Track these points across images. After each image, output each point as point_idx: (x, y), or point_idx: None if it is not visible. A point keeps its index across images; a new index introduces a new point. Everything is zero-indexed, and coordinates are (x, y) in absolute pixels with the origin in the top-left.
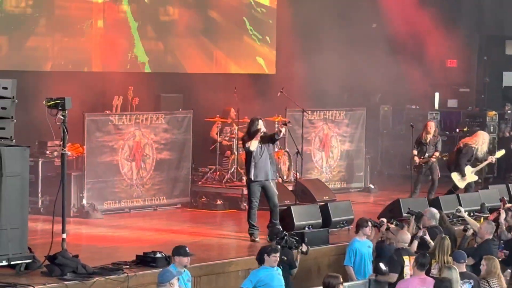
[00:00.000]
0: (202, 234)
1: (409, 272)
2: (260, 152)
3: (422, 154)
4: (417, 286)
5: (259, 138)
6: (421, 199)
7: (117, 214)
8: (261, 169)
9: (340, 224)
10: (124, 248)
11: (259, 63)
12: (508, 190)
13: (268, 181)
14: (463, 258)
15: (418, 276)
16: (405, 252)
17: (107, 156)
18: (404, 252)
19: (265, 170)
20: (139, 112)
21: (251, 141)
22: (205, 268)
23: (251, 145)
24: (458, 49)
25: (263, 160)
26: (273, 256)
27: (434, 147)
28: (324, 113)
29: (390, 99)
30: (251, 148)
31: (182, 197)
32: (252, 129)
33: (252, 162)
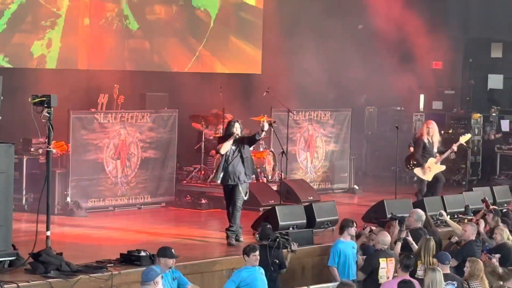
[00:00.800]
0: (186, 233)
1: (386, 274)
2: (233, 155)
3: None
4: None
5: (231, 141)
6: (405, 200)
7: (102, 212)
8: (230, 173)
9: (324, 225)
10: (108, 247)
11: (245, 62)
12: (492, 192)
13: (237, 184)
14: (447, 260)
15: (401, 278)
16: (383, 253)
17: (92, 154)
18: (382, 253)
19: (235, 173)
20: (125, 111)
21: (222, 144)
22: (190, 267)
23: (222, 149)
24: (444, 51)
25: (234, 164)
26: (252, 255)
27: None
28: (309, 113)
29: (375, 101)
30: (221, 152)
31: (166, 196)
32: (227, 131)
33: (222, 165)
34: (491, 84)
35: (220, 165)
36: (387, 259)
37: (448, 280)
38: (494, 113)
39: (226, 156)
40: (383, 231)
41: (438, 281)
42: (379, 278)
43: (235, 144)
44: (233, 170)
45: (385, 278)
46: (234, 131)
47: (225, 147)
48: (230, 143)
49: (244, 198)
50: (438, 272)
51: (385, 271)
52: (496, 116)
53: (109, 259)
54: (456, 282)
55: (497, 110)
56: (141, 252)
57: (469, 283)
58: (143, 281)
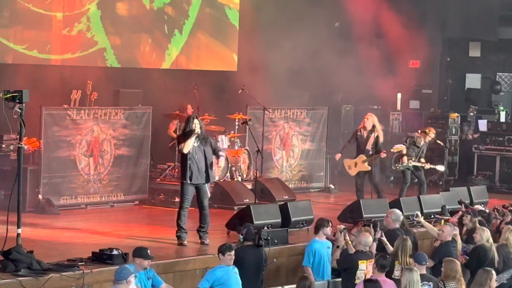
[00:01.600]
0: (159, 231)
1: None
2: (196, 153)
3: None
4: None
5: (193, 138)
6: (382, 200)
7: (74, 210)
8: (197, 172)
9: (299, 224)
10: (80, 245)
11: (220, 60)
12: (469, 193)
13: (205, 185)
14: (424, 260)
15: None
16: (363, 255)
17: (64, 151)
18: (363, 255)
19: (202, 172)
20: (98, 107)
21: (184, 143)
22: (162, 266)
23: (185, 147)
24: (421, 50)
25: (199, 162)
26: (228, 255)
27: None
28: (285, 111)
29: (352, 99)
30: (184, 151)
31: (140, 194)
32: (186, 128)
33: (187, 164)
34: (469, 83)
35: (186, 164)
36: (367, 261)
37: (424, 280)
38: (471, 112)
39: (189, 155)
40: (364, 232)
41: (415, 282)
42: (357, 279)
43: (197, 141)
44: (200, 168)
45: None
46: (193, 127)
47: (188, 145)
48: (193, 140)
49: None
50: (415, 273)
51: (363, 273)
52: (474, 116)
53: (80, 258)
54: (432, 282)
55: (475, 109)
56: (113, 251)
57: (445, 284)
58: (115, 279)
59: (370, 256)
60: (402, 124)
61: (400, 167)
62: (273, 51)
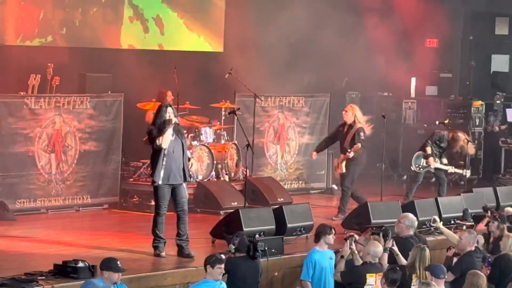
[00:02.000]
0: (133, 240)
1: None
2: (173, 148)
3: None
4: None
5: (171, 130)
6: (393, 202)
7: (32, 215)
8: (173, 170)
9: (297, 231)
10: (40, 256)
11: (204, 38)
12: (495, 194)
13: (181, 184)
14: (442, 273)
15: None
16: (372, 268)
17: (21, 146)
18: (371, 268)
19: (178, 171)
20: (60, 95)
21: (162, 137)
22: (136, 281)
23: (163, 142)
24: (440, 26)
25: (176, 158)
26: (218, 267)
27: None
28: (280, 99)
29: (359, 85)
30: (163, 145)
31: (109, 196)
32: (159, 119)
33: (161, 162)
34: (495, 66)
35: (159, 162)
36: (377, 274)
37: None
38: (498, 100)
39: (165, 150)
40: (373, 241)
41: None
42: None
43: (173, 134)
44: (176, 166)
45: None
46: (167, 117)
47: (166, 139)
48: (170, 133)
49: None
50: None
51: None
52: (501, 104)
53: (40, 271)
54: None
55: (502, 96)
56: (78, 263)
57: None
58: None
59: (379, 269)
60: (417, 114)
61: (421, 169)
62: (266, 28)
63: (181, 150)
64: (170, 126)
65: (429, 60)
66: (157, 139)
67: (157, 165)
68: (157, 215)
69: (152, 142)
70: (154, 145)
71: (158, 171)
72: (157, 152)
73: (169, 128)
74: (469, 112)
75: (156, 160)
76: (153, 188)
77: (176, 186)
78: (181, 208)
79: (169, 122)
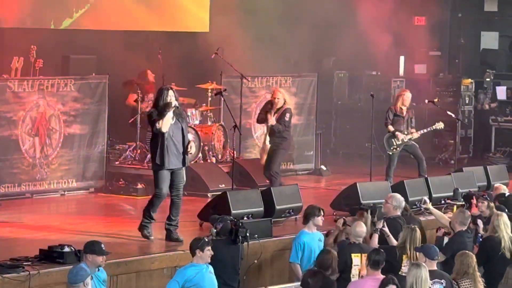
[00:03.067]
0: (119, 224)
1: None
2: (173, 132)
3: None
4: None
5: (171, 114)
6: (383, 183)
7: (17, 200)
8: (172, 155)
9: (285, 213)
10: (25, 241)
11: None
12: (486, 173)
13: (181, 169)
14: (436, 254)
15: (371, 277)
16: (356, 248)
17: (4, 130)
18: (355, 248)
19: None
20: (44, 77)
21: (161, 120)
22: (123, 266)
23: (163, 126)
24: (428, 4)
25: (176, 143)
26: (207, 250)
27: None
28: (267, 79)
29: (346, 64)
30: (163, 129)
31: (95, 180)
32: (160, 102)
33: (161, 145)
34: (485, 43)
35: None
36: (362, 254)
37: (435, 278)
38: (488, 78)
39: (166, 134)
40: (359, 221)
41: (423, 279)
42: (351, 277)
43: (174, 117)
44: (175, 150)
45: (356, 276)
46: (169, 100)
47: (166, 122)
48: (171, 116)
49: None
50: (423, 269)
51: (358, 269)
52: (491, 81)
53: (26, 257)
54: (444, 280)
55: (492, 74)
56: (64, 248)
57: (458, 283)
58: (70, 283)
59: (364, 250)
60: None
61: (397, 148)
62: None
63: (181, 134)
64: (170, 110)
65: (417, 38)
66: (157, 123)
67: (157, 149)
68: (156, 198)
69: (152, 125)
70: (154, 129)
71: (160, 155)
72: (157, 136)
73: (169, 112)
74: (459, 90)
75: (155, 144)
76: (153, 171)
77: (174, 170)
78: (176, 193)
79: (169, 105)
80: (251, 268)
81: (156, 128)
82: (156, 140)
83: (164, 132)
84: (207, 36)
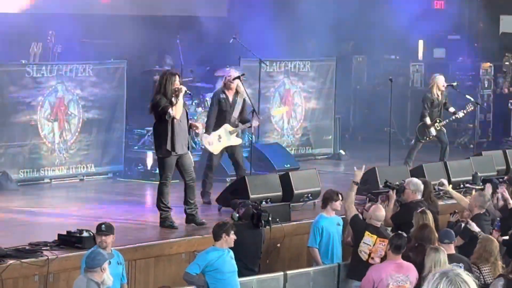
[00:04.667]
0: (138, 209)
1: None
2: (180, 118)
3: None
4: (391, 273)
5: (182, 99)
6: (401, 167)
7: (36, 185)
8: (180, 140)
9: (304, 198)
10: (44, 226)
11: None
12: (505, 157)
13: (187, 153)
14: (447, 238)
15: (393, 261)
16: (374, 230)
17: (23, 115)
18: (373, 229)
19: (184, 140)
20: (62, 62)
21: (175, 107)
22: (141, 250)
23: (177, 112)
24: None
25: (183, 128)
26: (232, 234)
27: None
28: (285, 64)
29: (365, 48)
30: (176, 116)
31: (114, 165)
32: (168, 88)
33: (169, 131)
34: (504, 27)
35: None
36: (378, 238)
37: (453, 261)
38: (507, 61)
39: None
40: (377, 205)
41: (442, 263)
42: (359, 252)
43: None
44: (183, 135)
45: (365, 255)
46: (179, 86)
47: (179, 108)
48: (182, 102)
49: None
50: (442, 253)
51: (367, 249)
52: (510, 65)
53: (45, 242)
54: (462, 264)
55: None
56: (83, 233)
57: (480, 268)
58: (88, 267)
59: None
60: (425, 77)
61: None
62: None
63: (186, 119)
64: (180, 94)
65: (436, 21)
66: (170, 109)
67: (165, 135)
68: (164, 186)
69: (162, 112)
70: (167, 116)
71: (169, 141)
72: (164, 122)
73: (180, 96)
74: (478, 74)
75: (162, 130)
76: (159, 158)
77: (182, 155)
78: (190, 177)
79: (180, 91)
80: (271, 253)
81: (169, 115)
82: (164, 126)
83: (177, 118)
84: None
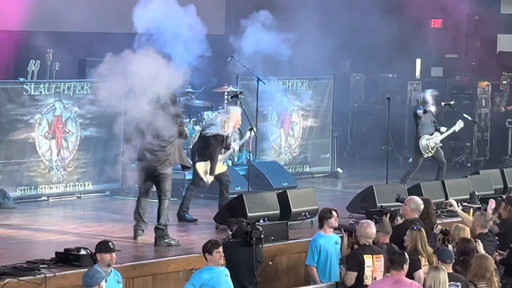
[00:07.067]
0: None
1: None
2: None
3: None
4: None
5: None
6: (399, 186)
7: (33, 203)
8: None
9: (301, 216)
10: (42, 244)
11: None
12: (502, 176)
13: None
14: (449, 258)
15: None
16: (368, 249)
17: (21, 133)
18: (367, 249)
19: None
20: (60, 80)
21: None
22: (139, 268)
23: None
24: (444, 6)
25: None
26: (216, 252)
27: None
28: (283, 82)
29: (363, 66)
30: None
31: (111, 183)
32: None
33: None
34: (501, 46)
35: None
36: (373, 256)
37: (451, 280)
38: (504, 80)
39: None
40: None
41: (442, 282)
42: (365, 278)
43: None
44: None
45: (370, 279)
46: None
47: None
48: None
49: None
50: (442, 272)
51: (370, 270)
52: (507, 84)
53: (42, 259)
54: (460, 283)
55: (508, 77)
56: (80, 251)
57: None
58: (86, 285)
59: (376, 251)
60: None
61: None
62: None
63: None
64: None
65: (433, 40)
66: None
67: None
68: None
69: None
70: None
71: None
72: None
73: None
74: (475, 93)
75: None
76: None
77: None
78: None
79: None
80: (268, 271)
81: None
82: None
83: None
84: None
